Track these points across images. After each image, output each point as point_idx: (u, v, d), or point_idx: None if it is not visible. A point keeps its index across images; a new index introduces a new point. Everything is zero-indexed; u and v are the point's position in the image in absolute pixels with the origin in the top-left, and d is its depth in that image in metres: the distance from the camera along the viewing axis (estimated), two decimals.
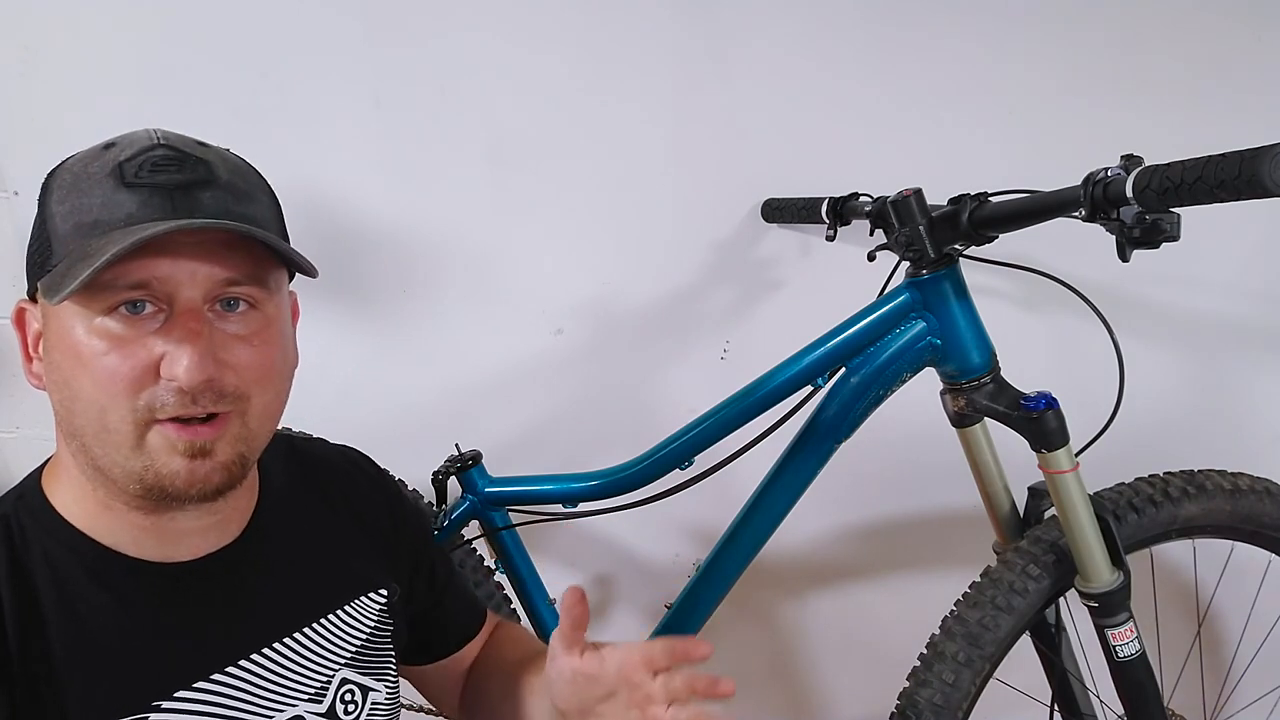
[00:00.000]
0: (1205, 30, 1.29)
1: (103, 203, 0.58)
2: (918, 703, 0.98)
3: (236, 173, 0.64)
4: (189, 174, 0.60)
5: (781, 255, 1.32)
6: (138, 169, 0.59)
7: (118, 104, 1.13)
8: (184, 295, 0.59)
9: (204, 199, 0.60)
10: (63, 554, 0.63)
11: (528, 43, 1.20)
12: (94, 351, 0.58)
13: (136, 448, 0.59)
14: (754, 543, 1.07)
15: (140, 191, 0.59)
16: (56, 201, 0.60)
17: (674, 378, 1.35)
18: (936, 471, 1.25)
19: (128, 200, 0.58)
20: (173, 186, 0.59)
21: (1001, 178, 0.92)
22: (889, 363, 0.96)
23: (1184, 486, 1.02)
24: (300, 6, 1.14)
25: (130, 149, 0.60)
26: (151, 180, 0.59)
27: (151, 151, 0.60)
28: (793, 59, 1.25)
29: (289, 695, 0.69)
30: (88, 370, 0.58)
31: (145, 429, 0.59)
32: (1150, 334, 1.40)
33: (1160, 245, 0.72)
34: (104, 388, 0.58)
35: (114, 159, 0.60)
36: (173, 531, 0.65)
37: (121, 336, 0.58)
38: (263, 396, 0.63)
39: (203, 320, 0.59)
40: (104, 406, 0.58)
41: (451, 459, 1.14)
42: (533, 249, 1.27)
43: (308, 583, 0.73)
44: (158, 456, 0.59)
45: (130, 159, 0.59)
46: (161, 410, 0.58)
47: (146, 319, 0.59)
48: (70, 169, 0.61)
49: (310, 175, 1.19)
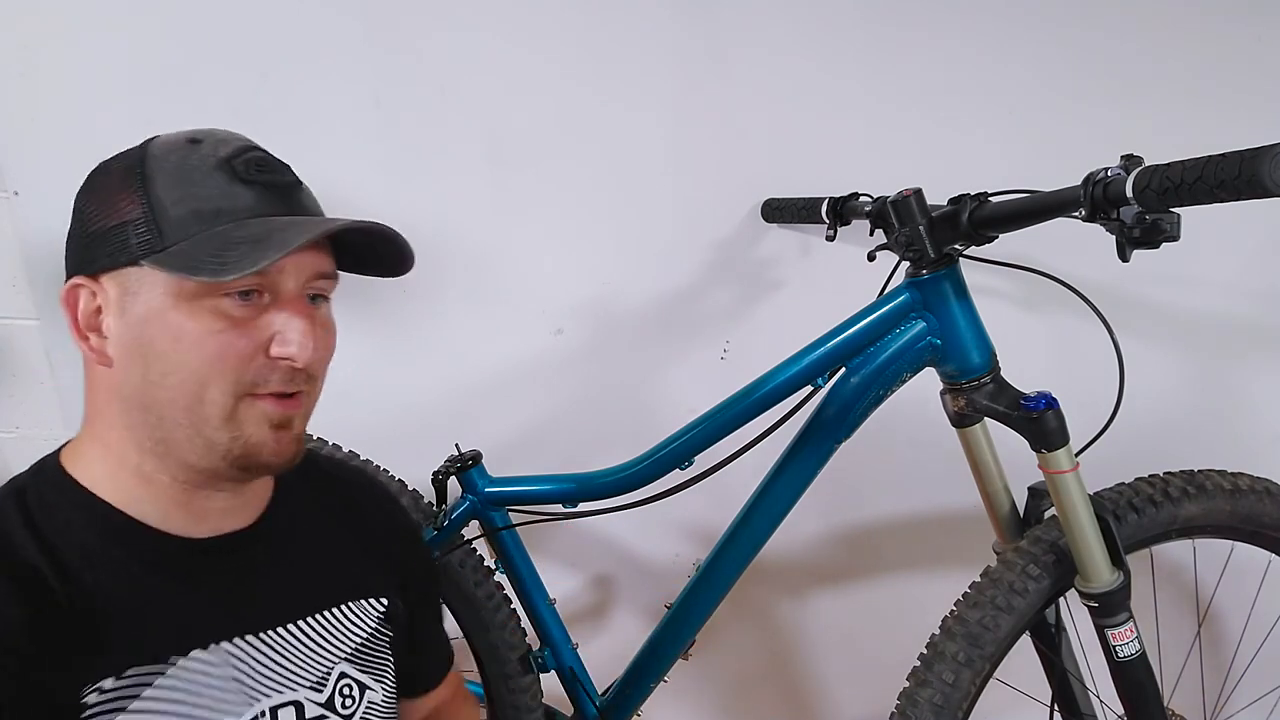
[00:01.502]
0: (1205, 30, 1.29)
1: (221, 194, 0.64)
2: (918, 703, 0.98)
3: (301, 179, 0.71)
4: (286, 176, 0.68)
5: (781, 255, 1.32)
6: (246, 166, 0.65)
7: (118, 104, 1.13)
8: (289, 284, 0.65)
9: (303, 197, 0.69)
10: (83, 520, 0.65)
11: (528, 43, 1.20)
12: (207, 329, 0.62)
13: (228, 420, 0.64)
14: (754, 543, 1.07)
15: (254, 187, 0.65)
16: (163, 187, 0.63)
17: (674, 378, 1.35)
18: (936, 471, 1.25)
19: (245, 194, 0.64)
20: (280, 186, 0.67)
21: (1001, 178, 0.92)
22: (889, 363, 0.96)
23: (1184, 486, 1.02)
24: (300, 7, 1.14)
25: (226, 147, 0.66)
26: (260, 178, 0.65)
27: (250, 152, 0.66)
28: (793, 59, 1.25)
29: (291, 679, 0.71)
30: (196, 346, 0.62)
31: (239, 402, 0.64)
32: (1150, 334, 1.40)
33: (1160, 245, 0.72)
34: (213, 363, 0.62)
35: (213, 154, 0.65)
36: (201, 509, 0.69)
37: (234, 317, 0.63)
38: (321, 382, 0.71)
39: (309, 306, 0.67)
40: (205, 380, 0.63)
41: (451, 459, 1.14)
42: (533, 249, 1.27)
43: (313, 575, 0.76)
44: (247, 427, 0.65)
45: (234, 156, 0.65)
46: (264, 385, 0.64)
47: (254, 304, 0.64)
48: (166, 158, 0.65)
49: (310, 175, 1.18)
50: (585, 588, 1.44)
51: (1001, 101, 1.29)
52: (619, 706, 1.19)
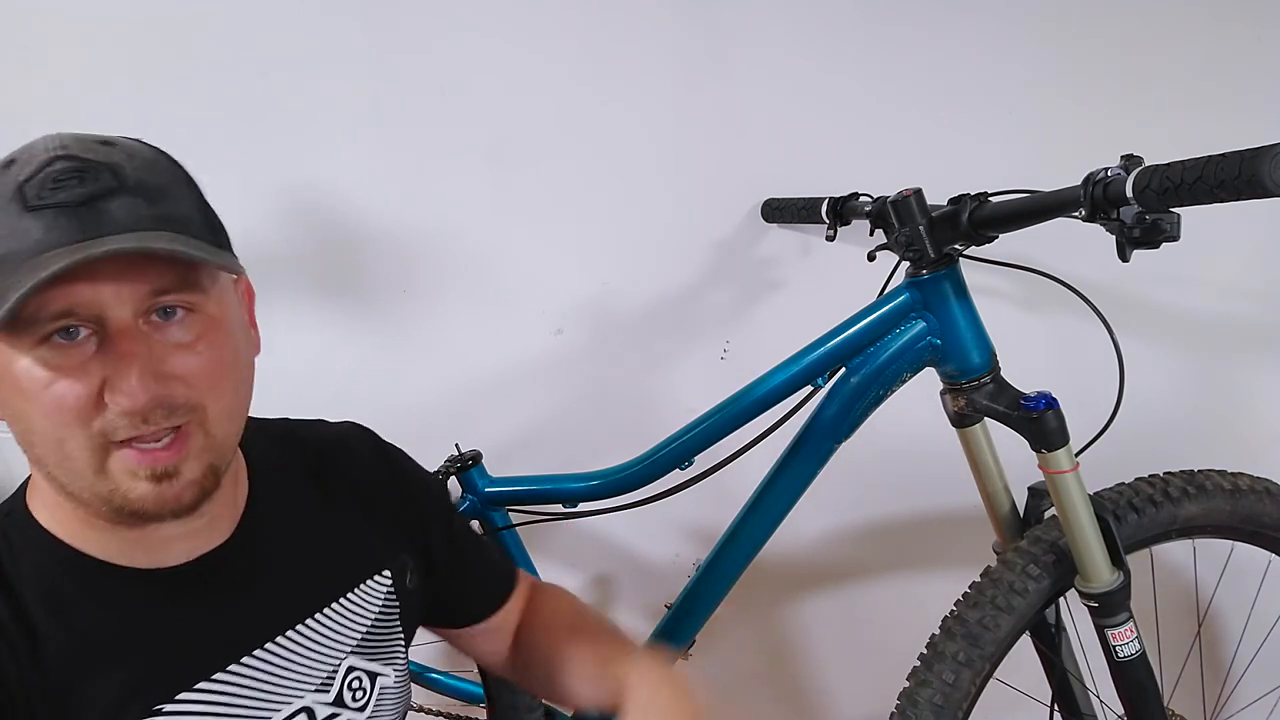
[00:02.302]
0: (1205, 30, 1.29)
1: (9, 232, 0.55)
2: (918, 703, 0.98)
3: (146, 169, 0.59)
4: (92, 185, 0.55)
5: (781, 255, 1.32)
6: (39, 189, 0.55)
7: (117, 105, 1.13)
8: (113, 315, 0.55)
9: (112, 210, 0.56)
10: (53, 567, 0.62)
11: (528, 43, 1.20)
12: (37, 384, 0.55)
13: (100, 473, 0.57)
14: (754, 543, 1.07)
15: (44, 215, 0.54)
16: None
17: (674, 378, 1.35)
18: (936, 471, 1.25)
19: (33, 226, 0.54)
20: (77, 203, 0.55)
21: (1001, 178, 0.92)
22: (889, 363, 0.96)
23: (1184, 486, 1.02)
24: (300, 7, 1.14)
25: (30, 165, 0.56)
26: (53, 200, 0.54)
27: (50, 166, 0.56)
28: (793, 59, 1.25)
29: (295, 687, 0.69)
30: (35, 404, 0.56)
31: (105, 453, 0.57)
32: (1150, 334, 1.40)
33: (1160, 245, 0.72)
34: (54, 419, 0.56)
35: (14, 179, 0.56)
36: (159, 540, 0.64)
37: (60, 367, 0.55)
38: (219, 401, 0.60)
39: (137, 338, 0.56)
40: (59, 437, 0.56)
41: (451, 459, 1.14)
42: (533, 249, 1.27)
43: (308, 573, 0.72)
44: (122, 481, 0.57)
45: (30, 178, 0.55)
46: (115, 434, 0.56)
47: (81, 344, 0.56)
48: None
49: (310, 175, 1.19)
50: (585, 588, 1.44)
51: (1001, 101, 1.29)
52: None
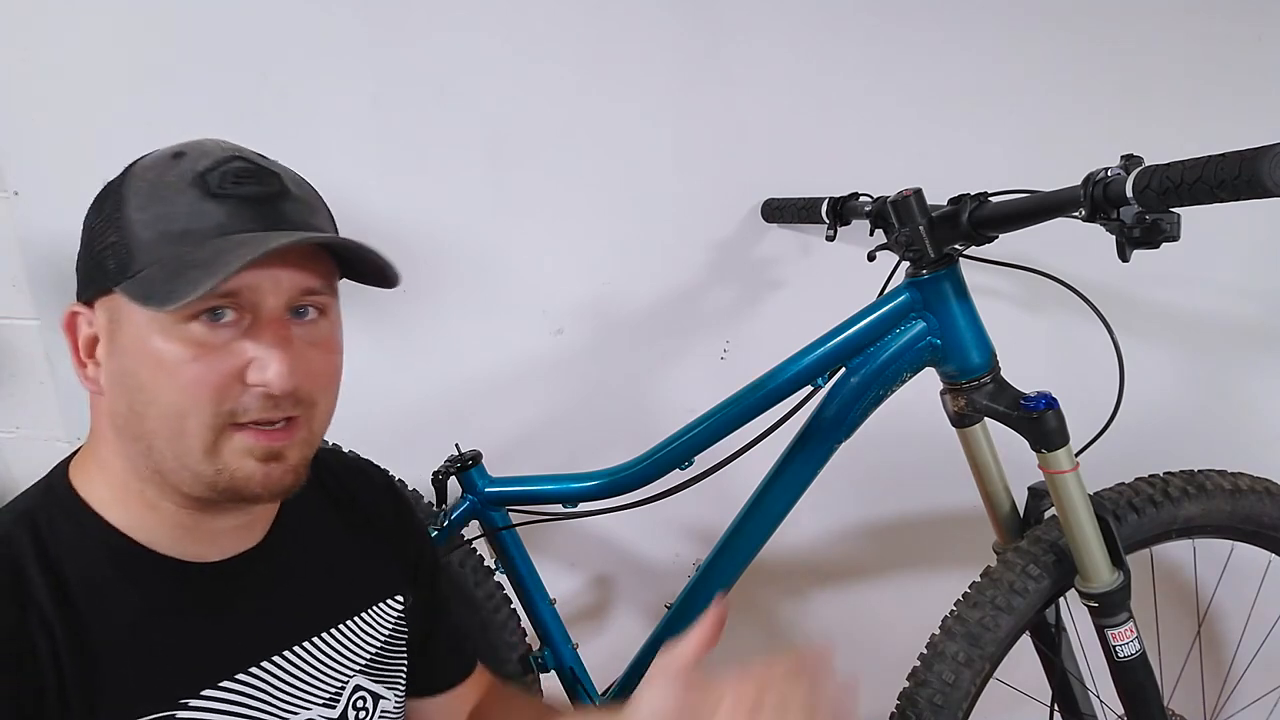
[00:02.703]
0: (1205, 30, 1.29)
1: (189, 212, 0.59)
2: (918, 703, 0.98)
3: (301, 186, 0.66)
4: (268, 186, 0.62)
5: (781, 255, 1.32)
6: (220, 180, 0.60)
7: (117, 104, 1.13)
8: (268, 303, 0.60)
9: (285, 210, 0.62)
10: (93, 549, 0.63)
11: (528, 43, 1.20)
12: (178, 358, 0.58)
13: (211, 452, 0.60)
14: (754, 543, 1.07)
15: (227, 202, 0.60)
16: (135, 209, 0.60)
17: (674, 378, 1.35)
18: (936, 471, 1.25)
19: (215, 210, 0.59)
20: (257, 199, 0.61)
21: (1001, 178, 0.92)
22: (889, 363, 0.96)
23: (1184, 486, 1.02)
24: (300, 6, 1.14)
25: (206, 160, 0.61)
26: (236, 191, 0.60)
27: (230, 163, 0.61)
28: (793, 59, 1.25)
29: (304, 699, 0.70)
30: (171, 376, 0.58)
31: (221, 434, 0.60)
32: (1150, 334, 1.40)
33: (1160, 245, 0.72)
34: (188, 393, 0.59)
35: (191, 169, 0.60)
36: (210, 531, 0.66)
37: (207, 343, 0.59)
38: (326, 402, 0.66)
39: (289, 327, 0.61)
40: (184, 411, 0.59)
41: (451, 459, 1.14)
42: (533, 249, 1.27)
43: (327, 588, 0.74)
44: (232, 460, 0.60)
45: (210, 170, 0.60)
46: (244, 415, 0.60)
47: (229, 326, 0.59)
48: (144, 177, 0.61)
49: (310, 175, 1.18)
50: (585, 588, 1.44)
51: (1001, 101, 1.29)
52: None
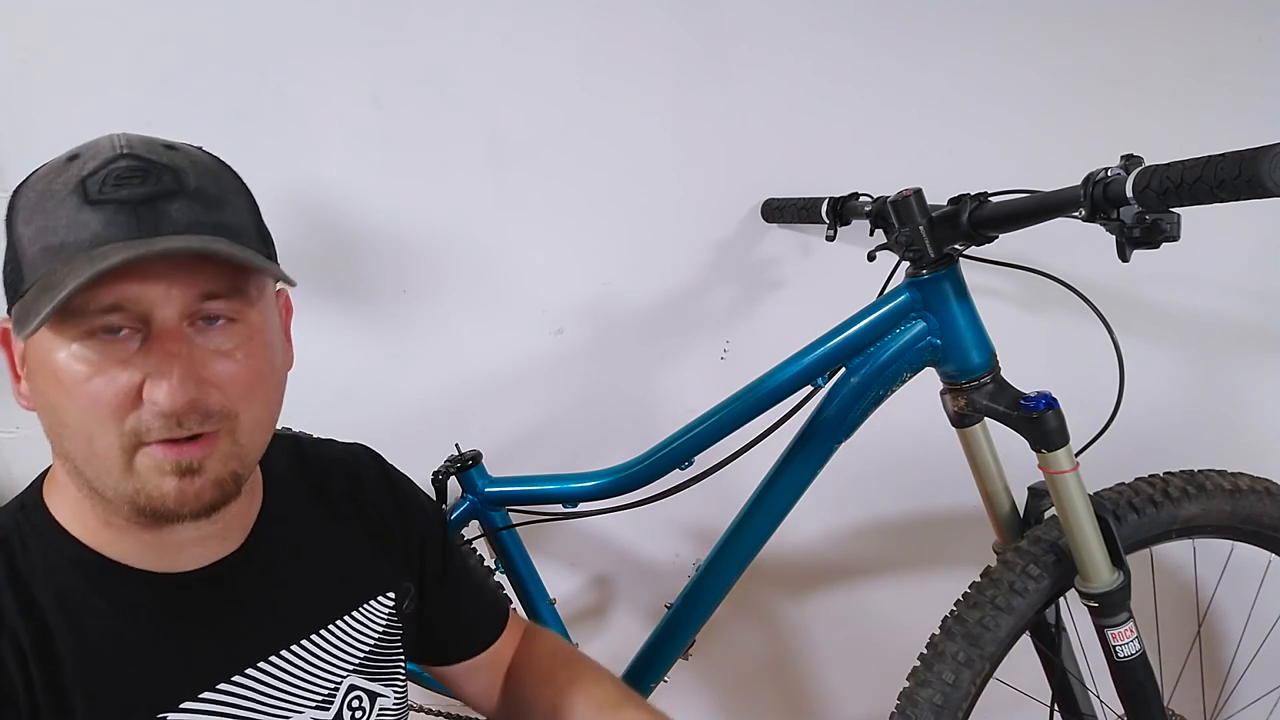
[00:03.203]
0: (1205, 30, 1.29)
1: (68, 223, 0.55)
2: (918, 702, 0.98)
3: (207, 176, 0.60)
4: (154, 186, 0.57)
5: (781, 255, 1.32)
6: (100, 184, 0.56)
7: (117, 104, 1.13)
8: (159, 315, 0.56)
9: (172, 211, 0.57)
10: (65, 567, 0.62)
11: (528, 42, 1.20)
12: (75, 378, 0.56)
13: (126, 471, 0.58)
14: (754, 543, 1.07)
15: (104, 209, 0.55)
16: (23, 222, 0.58)
17: (674, 378, 1.35)
18: (936, 471, 1.25)
19: (92, 219, 0.55)
20: (138, 201, 0.56)
21: (1001, 178, 0.92)
22: (889, 363, 0.96)
23: (1184, 486, 1.02)
24: (300, 6, 1.14)
25: (94, 161, 0.57)
26: (115, 195, 0.56)
27: (115, 163, 0.57)
28: (793, 59, 1.25)
29: (296, 703, 0.69)
30: (71, 397, 0.57)
31: (133, 452, 0.57)
32: (1150, 334, 1.40)
33: (1160, 245, 0.72)
34: (88, 414, 0.56)
35: (77, 173, 0.57)
36: (174, 544, 0.64)
37: (100, 362, 0.56)
38: (250, 411, 0.61)
39: (181, 340, 0.57)
40: (91, 433, 0.57)
41: (451, 459, 1.14)
42: (533, 249, 1.27)
43: (314, 589, 0.73)
44: (148, 479, 0.58)
45: (93, 173, 0.56)
46: (147, 434, 0.57)
47: (124, 341, 0.56)
48: (34, 186, 0.59)
49: (310, 175, 1.19)
50: (585, 588, 1.44)
51: (1001, 101, 1.29)
52: None
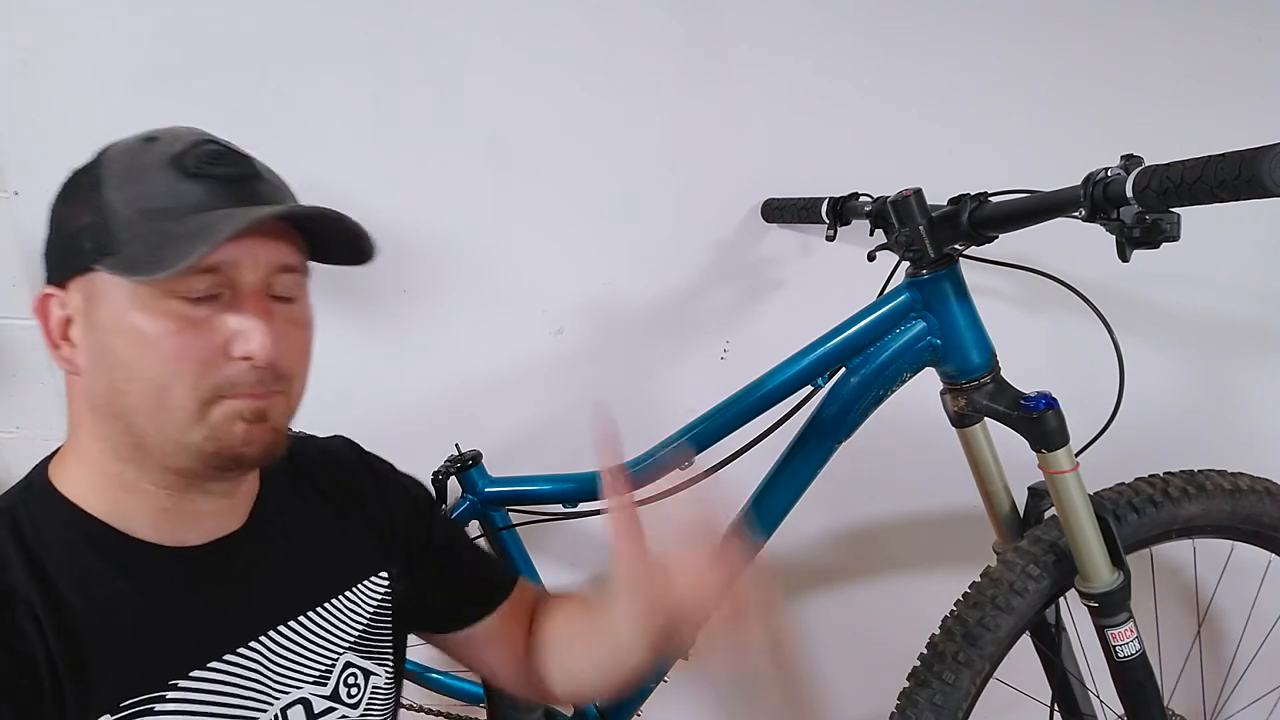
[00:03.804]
0: (1205, 30, 1.29)
1: (168, 191, 0.61)
2: (918, 703, 0.98)
3: (269, 171, 0.69)
4: (243, 167, 0.65)
5: (781, 255, 1.32)
6: (196, 161, 0.62)
7: (117, 104, 1.13)
8: (247, 279, 0.62)
9: (259, 189, 0.65)
10: (75, 539, 0.64)
11: (528, 43, 1.20)
12: (160, 332, 0.60)
13: (197, 423, 0.61)
14: (754, 543, 1.07)
15: (203, 181, 0.62)
16: (113, 189, 0.62)
17: (674, 378, 1.35)
18: (936, 471, 1.25)
19: (193, 189, 0.62)
20: (232, 178, 0.63)
21: (1001, 178, 0.92)
22: (889, 363, 0.96)
23: (1184, 486, 1.02)
24: (300, 6, 1.14)
25: (180, 143, 0.63)
26: (212, 171, 0.63)
27: (203, 146, 0.63)
28: (793, 59, 1.25)
29: (296, 677, 0.71)
30: (153, 350, 0.60)
31: (209, 406, 0.62)
32: (1150, 334, 1.40)
33: (1160, 245, 0.72)
34: (171, 367, 0.60)
35: (166, 151, 0.63)
36: (191, 514, 0.67)
37: (189, 317, 0.61)
38: (301, 379, 0.68)
39: (270, 301, 0.64)
40: (166, 385, 0.60)
41: (451, 459, 1.14)
42: (533, 249, 1.27)
43: (309, 569, 0.75)
44: (220, 424, 0.62)
45: (185, 152, 0.63)
46: (231, 389, 0.62)
47: (209, 301, 0.61)
48: (118, 159, 0.63)
49: (310, 175, 1.17)
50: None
51: (1001, 101, 1.29)
52: (619, 707, 1.19)
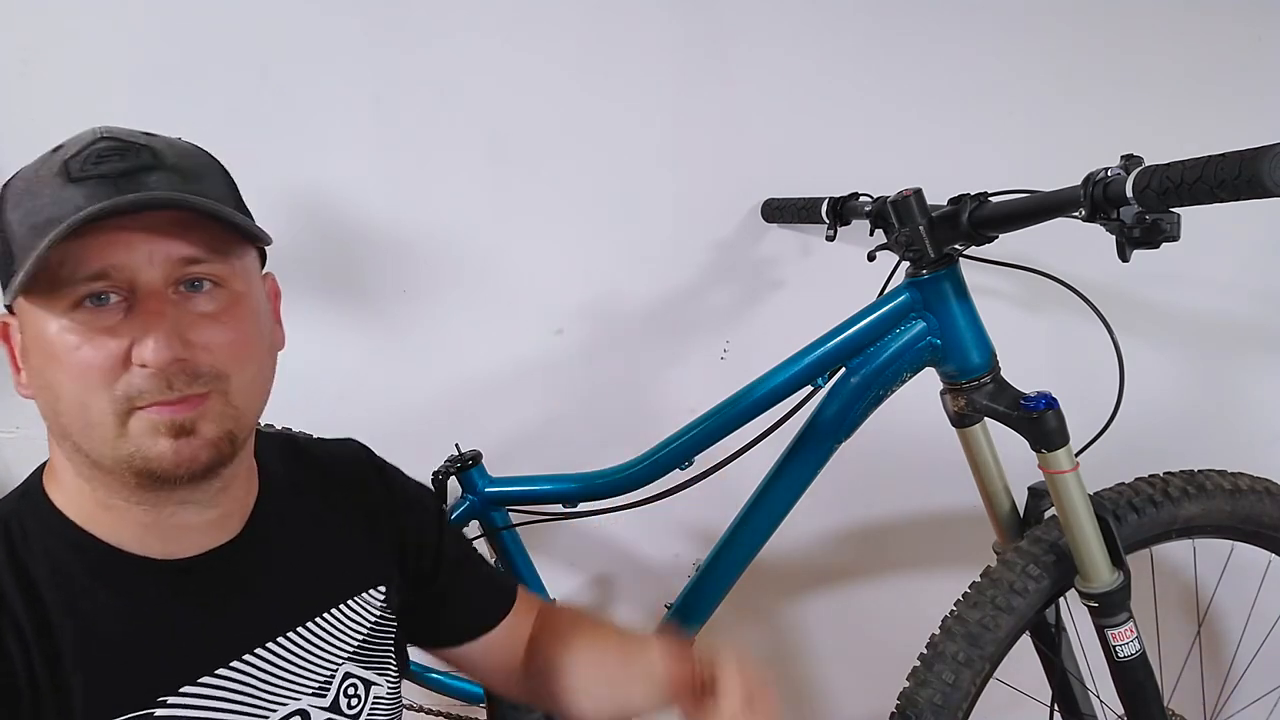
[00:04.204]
0: (1205, 30, 1.29)
1: (52, 200, 0.59)
2: (918, 703, 0.98)
3: (184, 156, 0.64)
4: (133, 161, 0.60)
5: (781, 255, 1.32)
6: (82, 163, 0.59)
7: (117, 104, 1.13)
8: (144, 279, 0.59)
9: (150, 182, 0.60)
10: (65, 553, 0.63)
11: (528, 43, 1.20)
12: (66, 347, 0.58)
13: (120, 435, 0.59)
14: (754, 543, 1.07)
15: (86, 184, 0.59)
16: (11, 209, 0.61)
17: (674, 378, 1.35)
18: (936, 471, 1.25)
19: (75, 194, 0.58)
20: (117, 174, 0.59)
21: (1001, 178, 0.92)
22: (889, 363, 0.96)
23: (1184, 486, 1.02)
24: (300, 6, 1.14)
25: (75, 146, 0.61)
26: (96, 171, 0.59)
27: (94, 145, 0.61)
28: (793, 59, 1.25)
29: (293, 689, 0.69)
30: (63, 367, 0.59)
31: (126, 417, 0.59)
32: (1150, 334, 1.40)
33: (1160, 245, 0.72)
34: (80, 381, 0.58)
35: (61, 158, 0.60)
36: (174, 528, 0.65)
37: (88, 330, 0.58)
38: (242, 374, 0.63)
39: (165, 301, 0.59)
40: (84, 401, 0.59)
41: (451, 459, 1.14)
42: (533, 249, 1.27)
43: (309, 578, 0.74)
44: (142, 440, 0.59)
45: (74, 155, 0.60)
46: (139, 398, 0.59)
47: (111, 309, 0.59)
48: (22, 176, 0.62)
49: (310, 175, 1.19)
50: (585, 588, 1.44)
51: (1001, 101, 1.29)
52: None
